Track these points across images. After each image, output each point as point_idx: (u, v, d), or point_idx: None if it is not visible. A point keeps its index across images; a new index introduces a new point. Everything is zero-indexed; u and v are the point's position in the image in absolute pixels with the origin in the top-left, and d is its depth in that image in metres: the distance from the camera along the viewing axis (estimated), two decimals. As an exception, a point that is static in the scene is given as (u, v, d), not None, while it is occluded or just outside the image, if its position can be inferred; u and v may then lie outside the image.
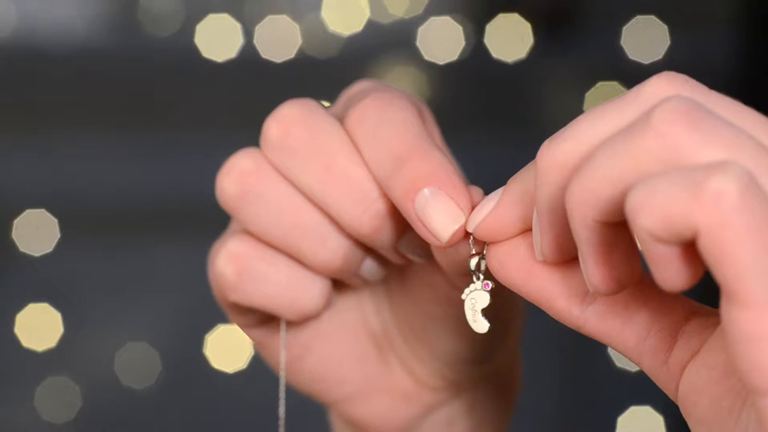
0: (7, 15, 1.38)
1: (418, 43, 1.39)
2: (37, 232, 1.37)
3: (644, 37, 1.39)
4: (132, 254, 1.38)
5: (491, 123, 1.43)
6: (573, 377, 1.45)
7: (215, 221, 0.59)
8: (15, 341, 1.37)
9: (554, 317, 0.40)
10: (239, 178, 0.45)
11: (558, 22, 1.43)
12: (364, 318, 0.50)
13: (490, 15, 1.40)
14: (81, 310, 1.39)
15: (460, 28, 1.39)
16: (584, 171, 0.35)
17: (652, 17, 1.40)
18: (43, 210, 1.37)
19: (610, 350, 1.42)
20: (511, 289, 0.41)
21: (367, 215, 0.44)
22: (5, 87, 1.38)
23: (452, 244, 0.42)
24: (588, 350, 1.44)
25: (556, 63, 1.43)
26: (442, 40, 1.39)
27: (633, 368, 1.42)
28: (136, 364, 1.39)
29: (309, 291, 0.46)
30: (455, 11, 1.40)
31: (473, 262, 0.43)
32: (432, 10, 1.40)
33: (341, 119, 0.46)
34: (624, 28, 1.40)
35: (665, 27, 1.39)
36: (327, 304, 0.47)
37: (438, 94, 1.41)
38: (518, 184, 0.41)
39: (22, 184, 1.38)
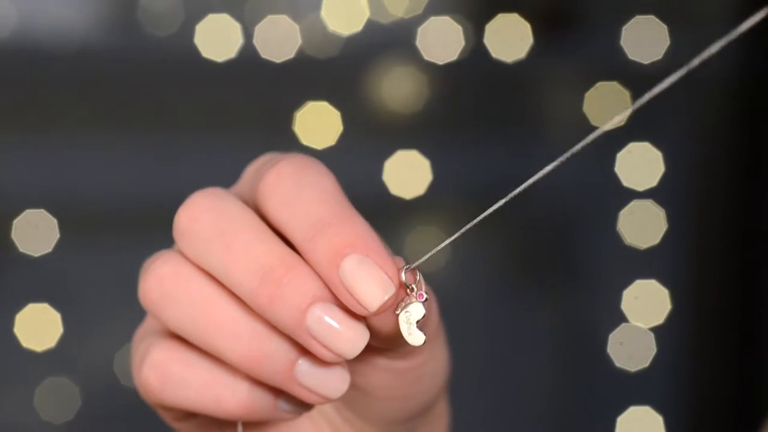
0: (6, 15, 1.38)
1: (417, 43, 1.39)
2: (36, 232, 1.37)
3: (644, 37, 1.39)
4: (132, 254, 1.38)
5: (491, 123, 1.43)
6: (572, 377, 1.45)
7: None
8: (15, 341, 1.37)
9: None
10: (157, 282, 0.45)
11: (558, 22, 1.43)
12: None
13: (489, 15, 1.40)
14: (81, 310, 1.39)
15: (460, 28, 1.39)
16: None
17: (652, 17, 1.40)
18: (42, 210, 1.37)
19: (609, 350, 1.42)
20: None
21: (263, 285, 0.42)
22: (5, 87, 1.38)
23: (379, 314, 0.42)
24: (587, 350, 1.44)
25: (556, 63, 1.43)
26: (442, 40, 1.39)
27: (633, 368, 1.42)
28: (136, 364, 1.39)
29: (231, 392, 0.45)
30: (455, 11, 1.40)
31: (402, 274, 0.42)
32: (432, 10, 1.40)
33: (252, 191, 0.45)
34: (624, 28, 1.40)
35: (665, 27, 1.39)
36: (257, 411, 0.45)
37: (438, 94, 1.41)
38: None
39: (22, 184, 1.38)
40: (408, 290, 0.43)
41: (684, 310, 1.43)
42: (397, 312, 0.43)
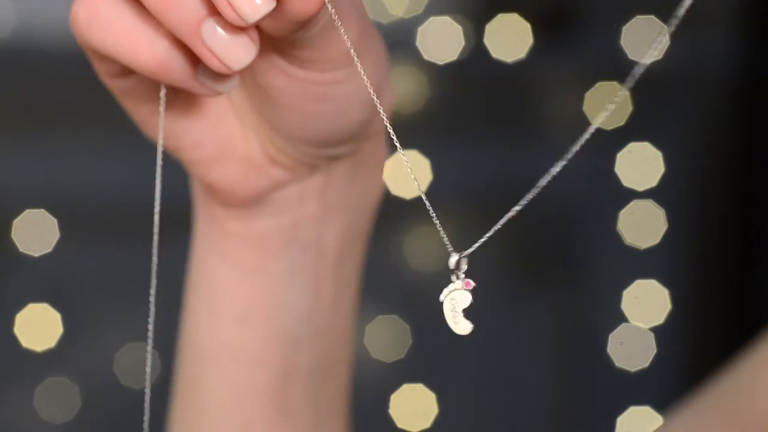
0: (6, 15, 1.38)
1: (417, 43, 1.39)
2: (36, 232, 1.37)
3: (644, 37, 1.39)
4: (132, 254, 1.38)
5: (491, 123, 1.43)
6: (572, 377, 1.45)
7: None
8: (15, 341, 1.37)
9: None
10: None
11: (558, 22, 1.43)
12: None
13: (489, 15, 1.40)
14: (81, 310, 1.39)
15: (460, 28, 1.39)
16: None
17: (652, 17, 1.40)
18: (42, 210, 1.37)
19: (609, 349, 1.42)
20: None
21: None
22: (5, 87, 1.38)
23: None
24: (587, 350, 1.44)
25: (556, 63, 1.43)
26: (442, 40, 1.39)
27: (633, 368, 1.42)
28: (136, 364, 1.39)
29: (148, 44, 0.45)
30: (455, 11, 1.40)
31: (452, 260, 0.43)
32: (432, 10, 1.40)
33: None
34: (624, 28, 1.40)
35: (665, 27, 1.39)
36: (172, 71, 0.45)
37: (438, 94, 1.41)
38: None
39: (22, 184, 1.38)
40: (453, 277, 0.43)
41: (684, 310, 1.43)
42: (442, 299, 0.43)
